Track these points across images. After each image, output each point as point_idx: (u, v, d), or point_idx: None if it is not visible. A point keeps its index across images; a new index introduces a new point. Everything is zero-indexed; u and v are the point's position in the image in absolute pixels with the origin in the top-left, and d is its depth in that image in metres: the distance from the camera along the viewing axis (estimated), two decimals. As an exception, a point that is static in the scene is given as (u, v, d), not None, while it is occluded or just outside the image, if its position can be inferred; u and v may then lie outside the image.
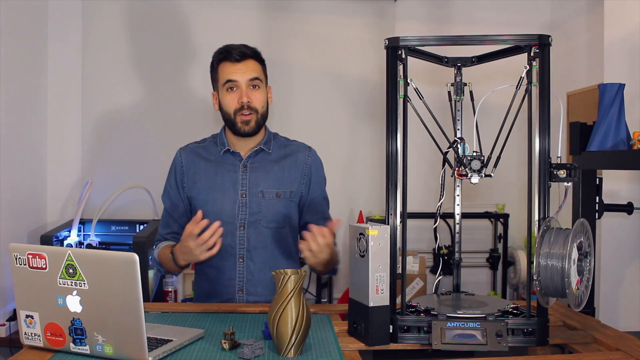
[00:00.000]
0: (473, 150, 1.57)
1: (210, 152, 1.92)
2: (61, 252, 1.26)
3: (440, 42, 1.56)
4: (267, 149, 1.91)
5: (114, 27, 3.58)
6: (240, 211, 1.85)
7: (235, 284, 1.85)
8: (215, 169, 1.89)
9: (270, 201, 1.86)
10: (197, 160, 1.91)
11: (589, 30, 3.36)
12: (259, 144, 1.90)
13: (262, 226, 1.85)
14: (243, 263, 1.85)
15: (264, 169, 1.89)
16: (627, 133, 2.08)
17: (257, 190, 1.86)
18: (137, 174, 3.49)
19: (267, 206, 1.86)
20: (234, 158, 1.90)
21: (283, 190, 1.88)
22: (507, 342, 1.39)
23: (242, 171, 1.88)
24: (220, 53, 1.86)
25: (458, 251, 1.73)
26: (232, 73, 1.82)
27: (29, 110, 3.25)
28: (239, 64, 1.82)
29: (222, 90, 1.85)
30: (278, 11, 3.71)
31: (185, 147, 1.96)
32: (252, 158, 1.90)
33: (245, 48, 1.85)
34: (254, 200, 1.86)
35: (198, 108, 3.57)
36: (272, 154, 1.91)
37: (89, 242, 3.11)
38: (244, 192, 1.86)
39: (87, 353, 1.29)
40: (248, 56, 1.83)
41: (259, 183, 1.87)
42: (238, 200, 1.85)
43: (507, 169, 2.21)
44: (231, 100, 1.83)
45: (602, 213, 2.16)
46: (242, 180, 1.87)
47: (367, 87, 3.78)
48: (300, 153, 1.94)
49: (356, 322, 1.46)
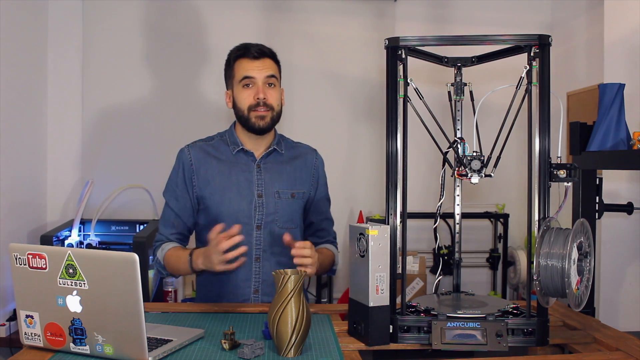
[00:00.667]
0: (473, 150, 1.57)
1: (221, 150, 1.89)
2: (61, 252, 1.26)
3: (440, 42, 1.56)
4: (279, 149, 1.91)
5: (114, 27, 3.58)
6: (256, 211, 1.84)
7: (251, 284, 1.84)
8: (229, 168, 1.86)
9: (286, 201, 1.87)
10: (208, 158, 1.87)
11: (589, 30, 3.36)
12: (271, 144, 1.90)
13: (278, 226, 1.84)
14: (259, 263, 1.84)
15: (277, 169, 1.89)
16: (627, 133, 2.08)
17: (274, 191, 1.86)
18: (137, 174, 3.49)
19: (284, 207, 1.86)
20: (247, 158, 1.88)
21: (297, 191, 1.89)
22: (507, 342, 1.40)
23: (257, 171, 1.87)
24: (238, 50, 1.86)
25: (458, 251, 1.73)
26: (249, 70, 1.82)
27: (29, 110, 3.25)
28: (257, 61, 1.83)
29: (237, 86, 1.84)
30: (278, 11, 3.71)
31: (194, 145, 1.91)
32: (265, 158, 1.89)
33: (263, 47, 1.86)
34: (271, 201, 1.85)
35: (198, 107, 3.57)
36: (284, 155, 1.92)
37: (89, 242, 3.11)
38: (260, 192, 1.85)
39: (87, 353, 1.29)
40: (266, 54, 1.84)
41: (275, 183, 1.87)
42: (254, 201, 1.84)
43: (507, 169, 2.22)
44: (247, 97, 1.83)
45: (602, 213, 2.16)
46: (257, 180, 1.86)
47: (367, 87, 3.78)
48: (309, 155, 1.97)
49: (356, 322, 1.46)
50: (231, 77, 1.87)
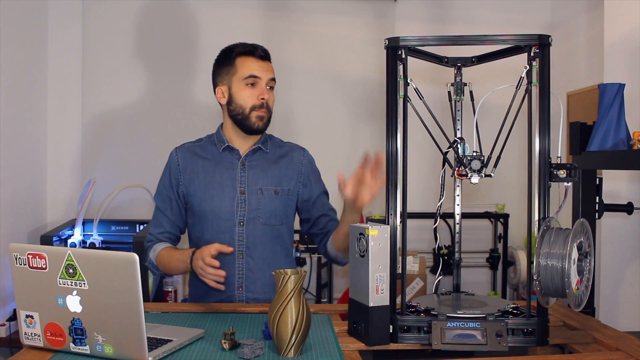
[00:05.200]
0: (473, 150, 1.57)
1: (207, 150, 1.92)
2: (61, 252, 1.26)
3: (440, 42, 1.56)
4: (264, 148, 1.92)
5: (114, 27, 3.58)
6: (239, 208, 1.85)
7: (235, 280, 1.85)
8: (214, 166, 1.89)
9: (269, 198, 1.87)
10: (194, 158, 1.91)
11: (589, 30, 3.36)
12: (256, 142, 1.92)
13: (260, 223, 1.86)
14: (242, 260, 1.85)
15: (262, 167, 1.90)
16: (627, 133, 2.08)
17: (256, 188, 1.87)
18: (137, 173, 3.49)
19: (266, 203, 1.87)
20: (232, 156, 1.90)
21: (281, 188, 1.89)
22: (507, 342, 1.40)
23: (241, 169, 1.89)
24: (243, 47, 1.86)
25: (458, 251, 1.73)
26: (255, 69, 1.83)
27: (29, 110, 3.25)
28: (263, 62, 1.85)
29: (239, 83, 1.84)
30: (278, 11, 3.71)
31: (181, 147, 1.95)
32: (249, 156, 1.91)
33: (265, 49, 1.88)
34: (253, 197, 1.86)
35: (198, 107, 3.57)
36: (269, 154, 1.93)
37: (92, 242, 3.10)
38: (243, 188, 1.87)
39: (87, 353, 1.29)
40: (269, 57, 1.88)
41: (258, 181, 1.88)
42: (237, 197, 1.86)
43: (507, 169, 2.21)
44: (250, 95, 1.83)
45: (602, 213, 2.16)
46: (240, 177, 1.88)
47: (367, 87, 3.78)
48: (295, 153, 1.97)
49: (356, 322, 1.46)
50: (231, 73, 1.86)
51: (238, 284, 1.85)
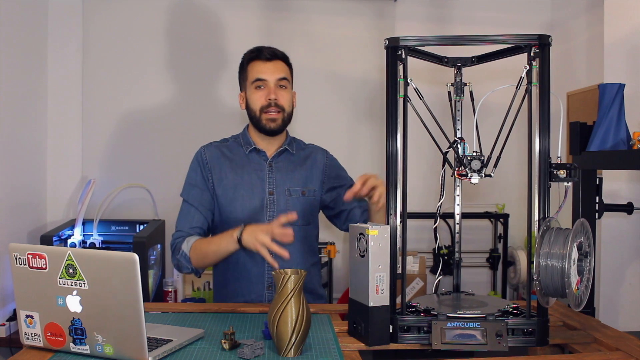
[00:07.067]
0: (473, 150, 1.57)
1: (234, 151, 1.95)
2: (61, 252, 1.26)
3: (440, 42, 1.56)
4: (291, 149, 1.96)
5: (114, 27, 3.57)
6: (268, 208, 1.88)
7: (264, 280, 1.87)
8: (242, 167, 1.92)
9: (297, 199, 1.91)
10: (222, 158, 1.93)
11: (589, 30, 3.36)
12: (283, 144, 1.95)
13: (289, 224, 1.86)
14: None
15: (288, 168, 1.94)
16: (627, 133, 2.08)
17: (284, 189, 1.90)
18: (137, 173, 3.49)
19: (294, 204, 1.90)
20: (259, 157, 1.93)
21: (307, 189, 1.93)
22: (507, 342, 1.40)
23: (269, 170, 1.92)
24: (251, 52, 1.92)
25: (458, 251, 1.73)
26: (261, 72, 1.87)
27: (29, 110, 3.25)
28: (269, 63, 1.88)
29: (250, 88, 1.89)
30: (278, 11, 3.71)
31: (209, 145, 1.98)
32: (276, 158, 1.94)
33: (276, 49, 1.92)
34: (282, 198, 1.89)
35: (198, 107, 3.57)
36: (294, 155, 1.97)
37: (92, 242, 3.10)
38: (272, 189, 1.89)
39: (87, 353, 1.29)
40: (278, 57, 1.91)
41: (285, 182, 1.91)
42: (266, 198, 1.88)
43: (507, 169, 2.21)
44: (258, 98, 1.88)
45: (602, 213, 2.15)
46: (269, 178, 1.91)
47: (367, 87, 3.77)
48: (319, 154, 2.02)
49: (356, 322, 1.46)
50: (244, 78, 1.93)
51: (267, 284, 1.87)
